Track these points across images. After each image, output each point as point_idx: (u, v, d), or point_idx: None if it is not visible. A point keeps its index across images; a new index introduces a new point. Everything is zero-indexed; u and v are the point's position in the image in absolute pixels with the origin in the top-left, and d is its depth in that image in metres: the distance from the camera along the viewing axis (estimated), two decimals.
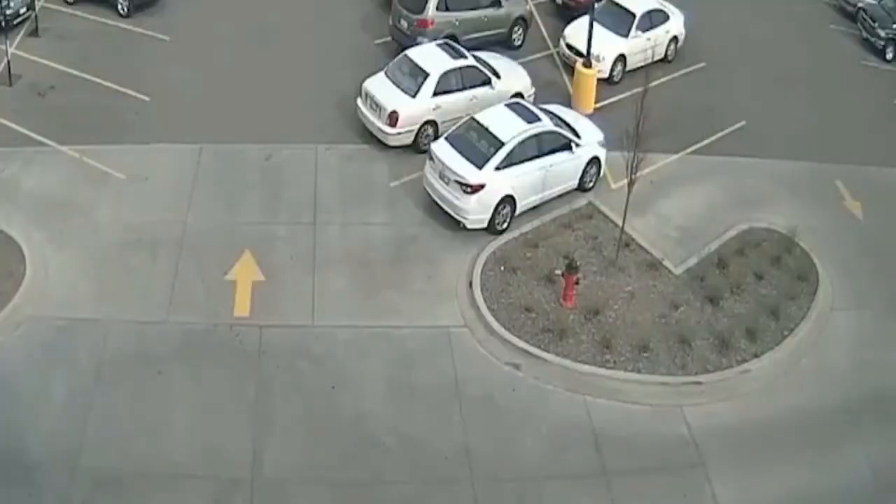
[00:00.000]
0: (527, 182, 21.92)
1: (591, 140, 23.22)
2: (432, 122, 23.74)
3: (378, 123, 23.58)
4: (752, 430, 18.57)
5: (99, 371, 18.15)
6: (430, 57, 24.22)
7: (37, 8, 27.05)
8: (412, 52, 24.47)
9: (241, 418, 17.71)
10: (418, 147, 23.62)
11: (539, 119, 22.49)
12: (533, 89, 25.49)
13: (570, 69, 26.69)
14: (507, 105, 22.94)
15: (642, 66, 26.24)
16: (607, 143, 23.13)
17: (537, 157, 22.06)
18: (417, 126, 23.57)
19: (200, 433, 17.39)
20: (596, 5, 26.34)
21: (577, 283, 20.12)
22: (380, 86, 23.86)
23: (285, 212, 21.93)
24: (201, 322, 19.27)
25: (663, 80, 26.59)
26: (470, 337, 19.70)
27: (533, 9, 29.05)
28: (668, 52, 28.30)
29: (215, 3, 28.67)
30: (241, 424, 17.61)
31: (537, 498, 17.15)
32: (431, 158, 22.00)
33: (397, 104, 23.36)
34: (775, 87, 27.62)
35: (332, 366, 18.82)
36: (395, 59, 24.54)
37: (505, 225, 21.92)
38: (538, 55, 28.04)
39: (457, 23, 26.71)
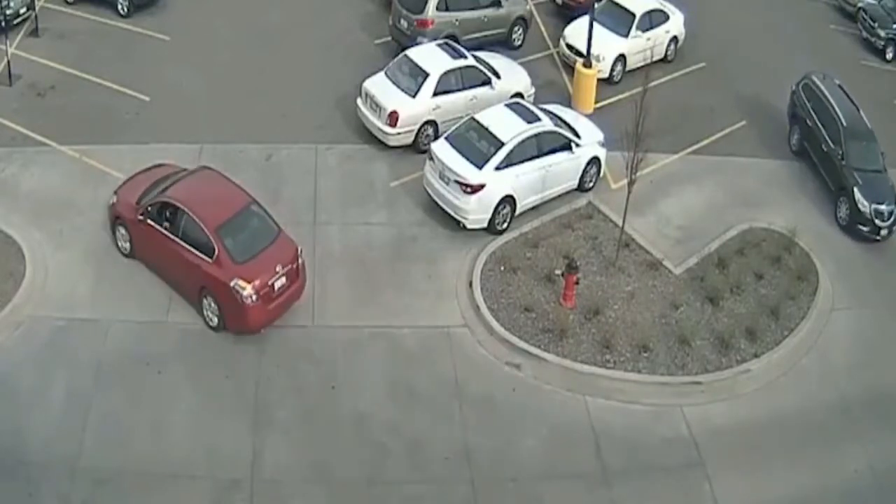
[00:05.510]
0: (527, 182, 21.90)
1: (590, 140, 23.21)
2: (432, 122, 23.72)
3: (378, 123, 23.56)
4: (753, 430, 18.59)
5: (98, 371, 18.14)
6: (430, 57, 24.20)
7: (37, 8, 27.02)
8: (412, 52, 24.45)
9: (240, 418, 17.71)
10: (418, 147, 23.61)
11: (539, 119, 22.47)
12: (533, 89, 25.47)
13: (570, 69, 26.68)
14: (507, 105, 22.93)
15: (642, 66, 26.21)
16: (607, 143, 23.12)
17: (537, 157, 22.04)
18: (417, 126, 23.56)
19: (200, 433, 17.39)
20: (596, 5, 26.37)
21: (576, 283, 20.11)
22: (380, 86, 23.83)
23: (285, 212, 21.87)
24: (201, 322, 19.25)
25: (663, 80, 26.58)
26: (470, 337, 19.69)
27: (533, 9, 29.03)
28: (668, 52, 28.29)
29: (215, 3, 28.64)
30: (241, 424, 17.60)
31: (537, 498, 17.15)
32: (431, 158, 21.99)
33: (397, 104, 23.34)
34: (775, 87, 27.56)
35: (332, 366, 18.81)
36: (395, 59, 24.52)
37: (505, 225, 21.90)
38: (538, 55, 28.02)
39: (457, 23, 26.69)
